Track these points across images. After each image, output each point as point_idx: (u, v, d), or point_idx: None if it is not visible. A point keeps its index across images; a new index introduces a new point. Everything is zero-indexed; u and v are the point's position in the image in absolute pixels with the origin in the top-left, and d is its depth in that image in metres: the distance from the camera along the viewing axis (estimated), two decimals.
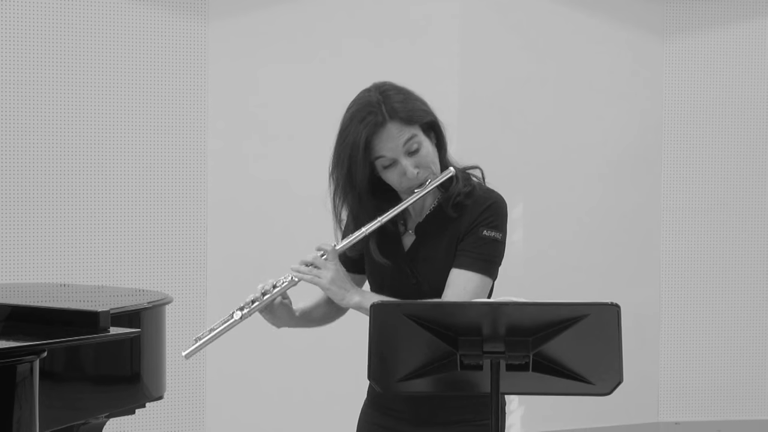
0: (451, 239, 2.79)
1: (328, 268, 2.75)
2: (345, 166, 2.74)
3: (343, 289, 2.75)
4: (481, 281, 2.75)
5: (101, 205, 5.61)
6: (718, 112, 6.56)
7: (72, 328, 3.04)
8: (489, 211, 2.78)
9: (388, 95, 2.75)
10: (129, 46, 5.64)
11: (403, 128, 2.72)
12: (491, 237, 2.76)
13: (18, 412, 2.72)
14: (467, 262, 2.75)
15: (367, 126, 2.70)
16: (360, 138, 2.70)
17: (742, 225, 6.57)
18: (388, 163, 2.73)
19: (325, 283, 2.75)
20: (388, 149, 2.71)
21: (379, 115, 2.71)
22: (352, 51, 5.95)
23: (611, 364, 2.38)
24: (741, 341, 6.56)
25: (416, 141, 2.73)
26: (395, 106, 2.73)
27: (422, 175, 2.75)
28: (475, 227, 2.77)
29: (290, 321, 2.91)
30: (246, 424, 5.87)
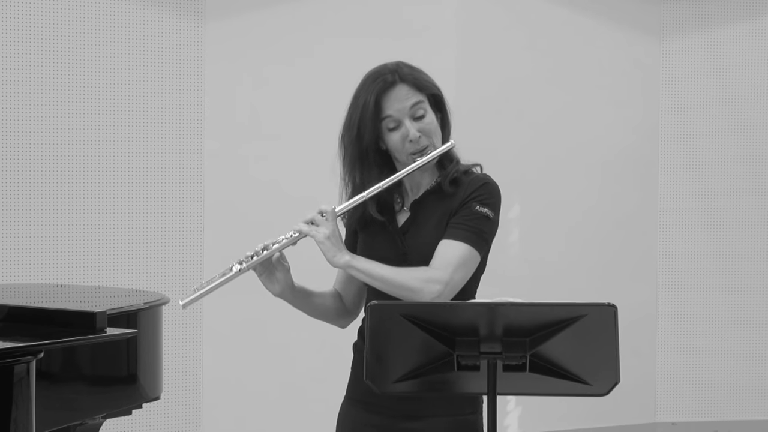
0: (443, 213, 2.83)
1: (326, 226, 2.80)
2: (355, 127, 2.84)
3: (335, 247, 2.79)
4: (469, 252, 2.77)
5: (98, 206, 5.61)
6: (715, 111, 6.57)
7: (69, 328, 3.03)
8: (483, 188, 2.84)
9: (402, 64, 2.90)
10: (125, 47, 5.64)
11: (411, 92, 2.84)
12: (483, 213, 2.81)
13: (15, 412, 2.72)
14: (456, 233, 2.79)
15: (378, 85, 2.84)
16: (370, 97, 2.83)
17: (739, 225, 6.57)
18: (393, 125, 2.83)
19: (320, 237, 2.79)
20: (395, 109, 2.82)
21: (390, 76, 2.84)
22: (349, 52, 5.95)
23: (608, 365, 2.38)
24: (738, 341, 6.57)
25: (422, 107, 2.84)
26: (406, 71, 2.87)
27: (423, 142, 2.83)
28: (468, 201, 2.82)
29: (287, 290, 2.91)
30: (242, 425, 5.87)
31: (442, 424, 2.81)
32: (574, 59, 6.37)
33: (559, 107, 6.33)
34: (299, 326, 5.90)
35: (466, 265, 2.77)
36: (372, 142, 2.83)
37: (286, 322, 5.83)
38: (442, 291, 2.72)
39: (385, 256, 2.83)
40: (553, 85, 6.32)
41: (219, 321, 5.83)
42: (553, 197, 6.31)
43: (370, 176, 2.85)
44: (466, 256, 2.77)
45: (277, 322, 5.82)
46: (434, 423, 2.81)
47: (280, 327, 5.84)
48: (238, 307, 5.82)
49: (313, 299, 2.99)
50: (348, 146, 2.87)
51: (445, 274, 2.73)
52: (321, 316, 3.03)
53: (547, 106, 6.30)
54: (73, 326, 3.04)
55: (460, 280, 2.76)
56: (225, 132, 5.84)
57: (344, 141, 2.88)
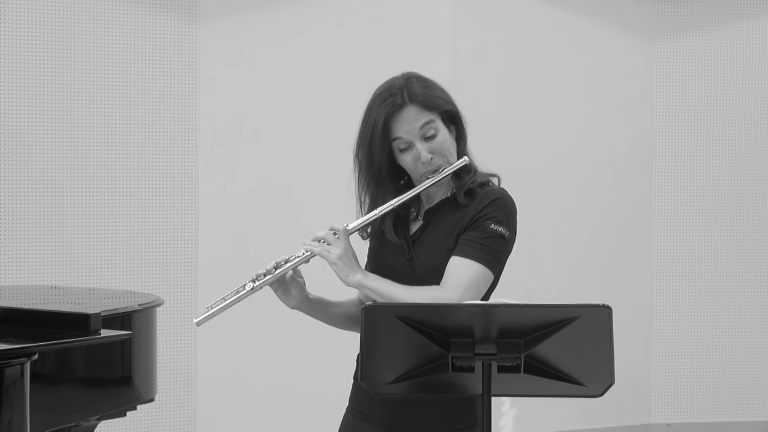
0: (454, 225, 2.80)
1: (338, 245, 2.78)
2: (366, 146, 2.81)
3: (348, 267, 2.77)
4: (482, 272, 2.75)
5: (92, 207, 5.60)
6: (710, 114, 6.58)
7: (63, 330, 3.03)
8: (497, 204, 2.79)
9: (411, 81, 2.82)
10: (119, 48, 5.64)
11: (421, 112, 2.78)
12: (497, 231, 2.77)
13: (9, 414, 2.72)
14: (469, 251, 2.75)
15: (386, 107, 2.77)
16: (379, 119, 2.77)
17: (734, 227, 6.58)
18: (404, 146, 2.79)
19: (333, 258, 2.77)
20: (404, 131, 2.77)
21: (399, 97, 2.78)
22: (344, 52, 5.95)
23: (603, 366, 2.38)
24: (732, 343, 6.57)
25: (433, 127, 2.79)
26: (416, 90, 2.79)
27: (436, 162, 2.79)
28: (482, 219, 2.77)
29: (303, 302, 2.91)
30: (237, 426, 5.87)
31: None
32: (568, 60, 6.37)
33: (553, 108, 6.34)
34: (294, 328, 5.91)
35: (478, 285, 2.74)
36: (383, 161, 2.80)
37: (280, 324, 5.84)
38: None
39: (392, 264, 2.83)
40: (548, 86, 6.33)
41: (213, 323, 5.82)
42: (547, 198, 6.31)
43: (385, 193, 2.82)
44: (479, 275, 2.74)
45: (272, 324, 5.82)
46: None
47: (274, 329, 5.83)
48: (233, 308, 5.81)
49: (332, 309, 2.98)
50: (361, 163, 2.84)
51: (456, 294, 2.70)
52: (340, 324, 3.01)
53: (541, 107, 6.31)
54: (67, 328, 3.04)
55: (473, 299, 2.73)
56: (219, 133, 5.84)
57: (358, 157, 2.85)
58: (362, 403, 2.84)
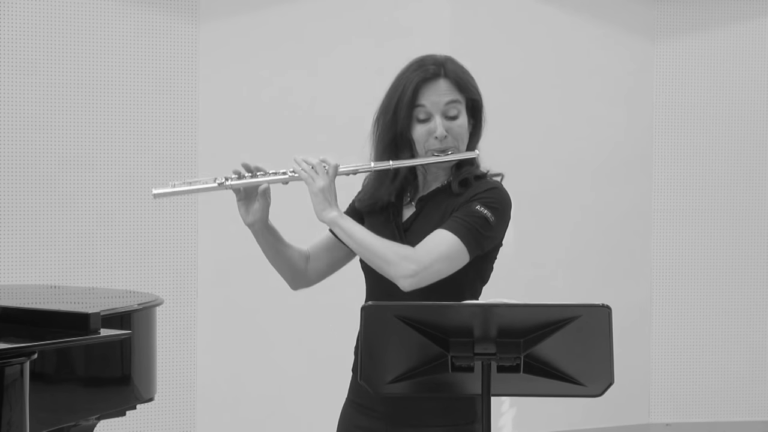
0: (445, 211, 2.79)
1: (323, 178, 2.79)
2: (390, 111, 2.79)
3: (326, 201, 2.78)
4: (457, 245, 2.71)
5: (92, 207, 5.60)
6: (709, 113, 6.58)
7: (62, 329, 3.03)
8: (490, 192, 2.80)
9: (451, 59, 2.87)
10: (119, 48, 5.64)
11: (450, 89, 2.79)
12: (482, 213, 2.76)
13: (8, 414, 2.72)
14: (450, 225, 2.73)
15: (421, 73, 2.79)
16: (411, 83, 2.77)
17: (734, 226, 6.58)
18: (424, 117, 2.78)
19: (315, 187, 2.79)
20: (430, 101, 2.77)
21: (435, 68, 2.80)
22: (343, 53, 5.96)
23: (602, 366, 2.38)
24: (732, 343, 6.57)
25: (457, 107, 2.80)
26: (452, 68, 2.82)
27: (448, 142, 2.80)
28: (471, 200, 2.78)
29: (260, 223, 2.96)
30: (236, 426, 5.87)
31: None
32: (567, 60, 6.37)
33: (553, 107, 6.34)
34: (295, 328, 5.91)
35: (450, 258, 2.70)
36: (405, 127, 2.78)
37: (281, 323, 5.84)
38: (416, 272, 2.67)
39: None
40: (547, 86, 6.32)
41: (213, 322, 5.83)
42: (547, 197, 6.31)
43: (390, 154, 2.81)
44: (453, 249, 2.71)
45: (273, 323, 5.82)
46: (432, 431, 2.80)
47: (275, 328, 5.83)
48: (232, 307, 5.82)
49: (280, 245, 2.99)
50: (381, 129, 2.82)
51: (425, 259, 2.68)
52: (280, 266, 2.99)
53: (540, 107, 6.31)
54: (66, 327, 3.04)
55: (439, 271, 2.70)
56: (219, 133, 5.84)
57: (378, 123, 2.84)
58: (362, 396, 2.82)
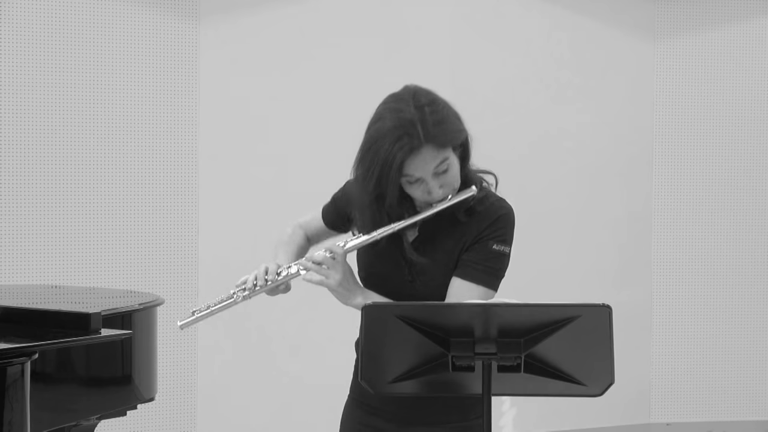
0: (455, 243, 2.76)
1: (336, 270, 2.73)
2: (374, 179, 2.66)
3: (348, 291, 2.74)
4: (485, 294, 2.73)
5: (93, 207, 5.60)
6: (709, 113, 6.58)
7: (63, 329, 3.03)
8: (499, 222, 2.77)
9: (424, 112, 2.65)
10: (120, 48, 5.64)
11: (437, 152, 2.65)
12: (499, 251, 2.76)
13: (9, 414, 2.72)
14: (472, 274, 2.73)
15: (402, 149, 2.61)
16: (395, 161, 2.62)
17: (734, 225, 6.58)
18: (414, 180, 2.68)
19: (333, 284, 2.73)
20: (419, 170, 2.65)
21: (415, 138, 2.62)
22: (344, 53, 5.96)
23: (603, 365, 2.38)
24: (732, 342, 6.57)
25: (446, 163, 2.68)
26: (432, 129, 2.64)
27: (445, 193, 2.71)
28: (484, 239, 2.75)
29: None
30: (237, 425, 5.87)
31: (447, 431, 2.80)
32: (568, 60, 6.37)
33: (553, 108, 6.34)
34: (296, 327, 5.92)
35: None
36: (394, 195, 2.67)
37: (282, 323, 5.84)
38: None
39: (387, 275, 2.79)
40: (547, 86, 6.33)
41: (214, 321, 5.82)
42: (547, 197, 6.31)
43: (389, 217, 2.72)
44: (482, 298, 2.72)
45: (274, 322, 5.82)
46: (442, 429, 2.80)
47: (275, 328, 5.84)
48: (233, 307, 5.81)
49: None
50: (365, 191, 2.70)
51: None
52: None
53: (541, 107, 6.31)
54: (67, 327, 3.04)
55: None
56: (219, 132, 5.84)
57: (359, 183, 2.71)
58: (367, 395, 2.80)
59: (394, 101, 2.68)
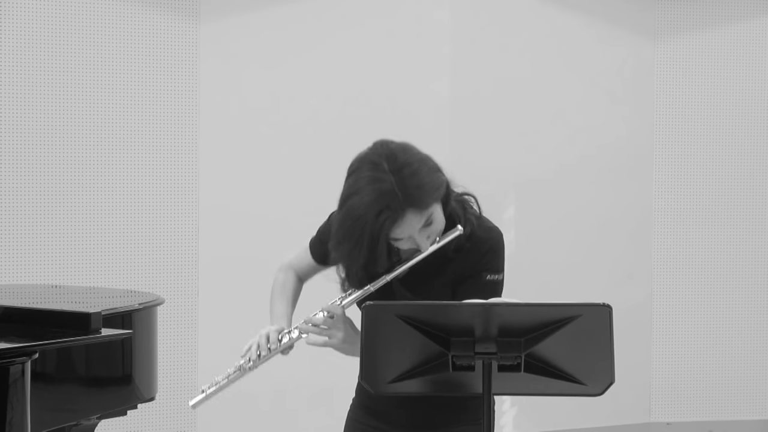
0: (447, 279, 2.76)
1: (338, 329, 2.76)
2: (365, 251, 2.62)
3: (353, 345, 2.75)
4: None
5: (93, 207, 5.61)
6: (709, 112, 6.58)
7: (64, 329, 3.03)
8: (489, 254, 2.77)
9: (403, 176, 2.60)
10: (120, 48, 5.64)
11: (420, 213, 2.62)
12: (493, 280, 2.76)
13: (10, 413, 2.72)
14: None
15: (387, 220, 2.59)
16: (382, 233, 2.60)
17: (734, 226, 6.58)
18: (402, 239, 2.67)
19: (337, 343, 2.77)
20: (405, 233, 2.64)
21: (397, 208, 2.58)
22: (344, 53, 5.95)
23: (603, 365, 2.38)
24: (733, 342, 6.57)
25: (431, 218, 2.66)
26: (412, 193, 2.59)
27: (432, 240, 2.70)
28: (477, 273, 2.75)
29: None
30: (237, 426, 5.87)
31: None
32: (568, 60, 6.37)
33: (553, 107, 6.34)
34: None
35: None
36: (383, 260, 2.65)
37: None
38: None
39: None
40: (548, 85, 6.32)
41: (214, 321, 5.83)
42: (547, 197, 6.31)
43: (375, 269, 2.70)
44: None
45: None
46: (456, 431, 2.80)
47: None
48: (233, 307, 5.82)
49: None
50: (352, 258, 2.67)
51: None
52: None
53: (541, 107, 6.31)
54: (68, 327, 3.05)
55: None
56: (220, 133, 5.84)
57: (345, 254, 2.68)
58: (373, 398, 2.81)
59: (368, 169, 2.62)
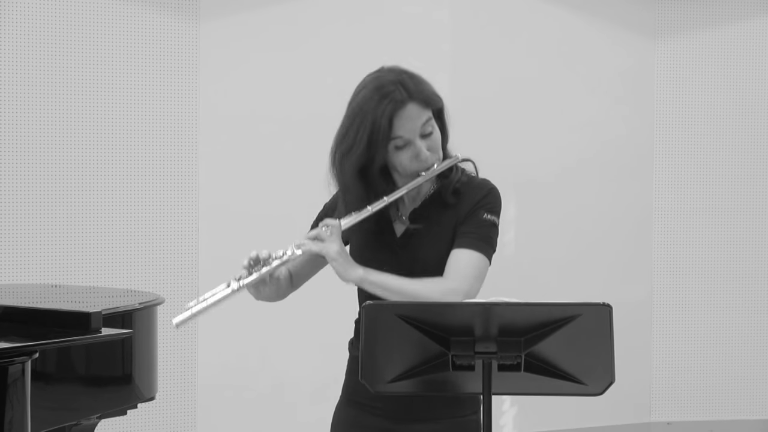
0: (449, 223, 2.79)
1: (333, 241, 2.74)
2: (362, 146, 2.71)
3: (347, 262, 2.74)
4: (482, 261, 2.75)
5: (93, 206, 5.61)
6: (710, 112, 6.57)
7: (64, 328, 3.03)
8: (489, 196, 2.80)
9: (403, 77, 2.75)
10: (120, 47, 5.64)
11: (421, 110, 2.73)
12: (491, 220, 2.78)
13: (10, 413, 2.72)
14: (469, 242, 2.75)
15: (390, 104, 2.70)
16: (383, 117, 2.69)
17: (734, 225, 6.58)
18: (402, 144, 2.73)
19: (332, 253, 2.73)
20: (406, 129, 2.71)
21: (399, 93, 2.71)
22: (345, 52, 5.95)
23: (603, 364, 2.38)
24: (733, 341, 6.57)
25: (431, 124, 2.75)
26: (413, 88, 2.73)
27: (432, 159, 2.76)
28: (476, 210, 2.78)
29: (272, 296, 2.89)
30: (237, 425, 5.87)
31: (444, 426, 2.80)
32: (569, 60, 6.37)
33: (554, 107, 6.33)
34: (296, 327, 5.92)
35: (482, 275, 2.75)
36: (382, 161, 2.73)
37: (282, 322, 5.84)
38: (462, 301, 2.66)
39: (383, 262, 2.78)
40: (548, 85, 6.32)
41: (214, 320, 5.83)
42: (548, 197, 6.31)
43: (376, 191, 2.76)
44: (481, 265, 2.74)
45: (274, 322, 5.82)
46: (435, 425, 2.80)
47: (276, 327, 5.83)
48: (233, 306, 5.81)
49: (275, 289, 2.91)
50: (351, 162, 2.73)
51: (464, 285, 2.70)
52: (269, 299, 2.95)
53: (542, 107, 6.31)
54: (68, 326, 3.04)
55: (477, 291, 2.73)
56: (220, 132, 5.84)
57: (345, 159, 2.74)
58: (361, 394, 2.79)
59: (372, 74, 2.80)
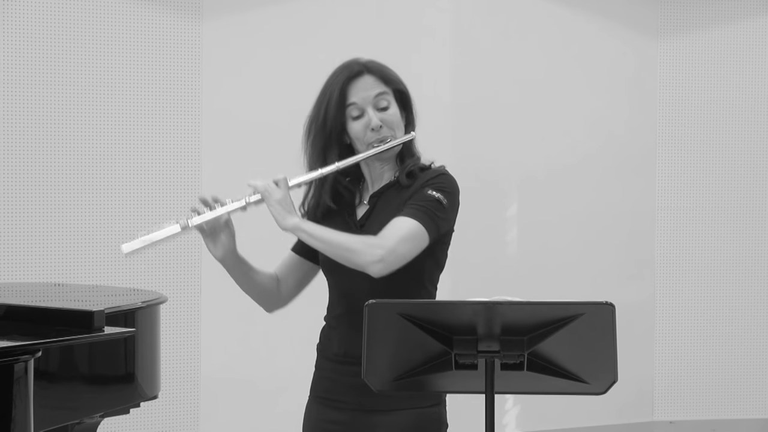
0: (400, 203, 2.85)
1: (277, 191, 2.90)
2: (320, 117, 2.92)
3: (285, 210, 2.89)
4: (417, 227, 2.77)
5: (96, 204, 5.61)
6: (713, 112, 6.57)
7: (66, 327, 3.03)
8: (439, 178, 2.87)
9: (372, 60, 3.02)
10: (122, 46, 5.64)
11: (376, 83, 2.92)
12: (435, 197, 2.82)
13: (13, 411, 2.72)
14: (407, 212, 2.80)
15: (344, 74, 2.95)
16: (336, 85, 2.93)
17: (736, 225, 6.58)
18: (357, 113, 2.89)
19: (272, 200, 2.90)
20: (359, 97, 2.89)
21: (357, 65, 2.96)
22: (346, 51, 5.94)
23: (606, 363, 2.38)
24: (735, 340, 6.57)
25: (386, 99, 2.91)
26: (373, 65, 2.97)
27: (385, 132, 2.88)
28: (423, 187, 2.84)
29: (229, 255, 3.11)
30: (240, 424, 5.87)
31: (405, 418, 2.82)
32: (571, 59, 6.37)
33: (556, 105, 6.33)
34: (298, 326, 5.91)
35: (414, 240, 2.77)
36: (336, 129, 2.89)
37: (285, 321, 5.84)
38: (383, 256, 2.72)
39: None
40: (551, 84, 6.32)
41: (217, 319, 5.83)
42: (550, 196, 6.31)
43: (330, 156, 2.90)
44: (414, 230, 2.77)
45: (276, 320, 5.81)
46: (397, 416, 2.82)
47: (278, 325, 5.83)
48: (236, 305, 5.81)
49: (252, 274, 3.11)
50: (313, 135, 2.94)
51: (389, 243, 2.74)
52: (254, 293, 3.13)
53: (544, 107, 6.30)
54: (71, 325, 3.04)
55: (405, 253, 2.75)
56: (222, 131, 5.84)
57: (311, 130, 2.95)
58: (328, 390, 2.90)
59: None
